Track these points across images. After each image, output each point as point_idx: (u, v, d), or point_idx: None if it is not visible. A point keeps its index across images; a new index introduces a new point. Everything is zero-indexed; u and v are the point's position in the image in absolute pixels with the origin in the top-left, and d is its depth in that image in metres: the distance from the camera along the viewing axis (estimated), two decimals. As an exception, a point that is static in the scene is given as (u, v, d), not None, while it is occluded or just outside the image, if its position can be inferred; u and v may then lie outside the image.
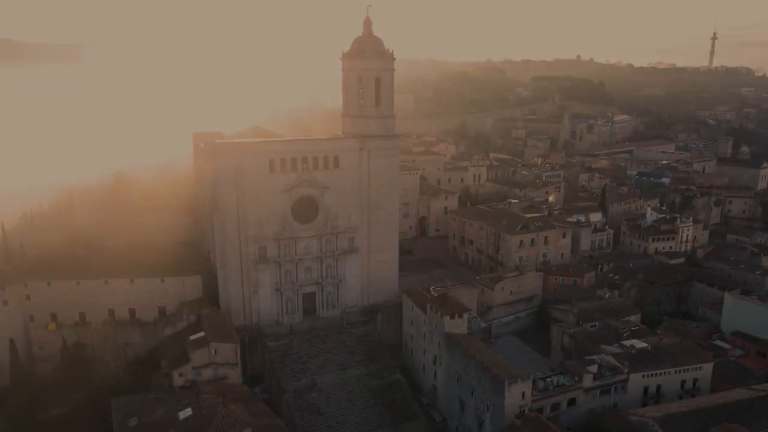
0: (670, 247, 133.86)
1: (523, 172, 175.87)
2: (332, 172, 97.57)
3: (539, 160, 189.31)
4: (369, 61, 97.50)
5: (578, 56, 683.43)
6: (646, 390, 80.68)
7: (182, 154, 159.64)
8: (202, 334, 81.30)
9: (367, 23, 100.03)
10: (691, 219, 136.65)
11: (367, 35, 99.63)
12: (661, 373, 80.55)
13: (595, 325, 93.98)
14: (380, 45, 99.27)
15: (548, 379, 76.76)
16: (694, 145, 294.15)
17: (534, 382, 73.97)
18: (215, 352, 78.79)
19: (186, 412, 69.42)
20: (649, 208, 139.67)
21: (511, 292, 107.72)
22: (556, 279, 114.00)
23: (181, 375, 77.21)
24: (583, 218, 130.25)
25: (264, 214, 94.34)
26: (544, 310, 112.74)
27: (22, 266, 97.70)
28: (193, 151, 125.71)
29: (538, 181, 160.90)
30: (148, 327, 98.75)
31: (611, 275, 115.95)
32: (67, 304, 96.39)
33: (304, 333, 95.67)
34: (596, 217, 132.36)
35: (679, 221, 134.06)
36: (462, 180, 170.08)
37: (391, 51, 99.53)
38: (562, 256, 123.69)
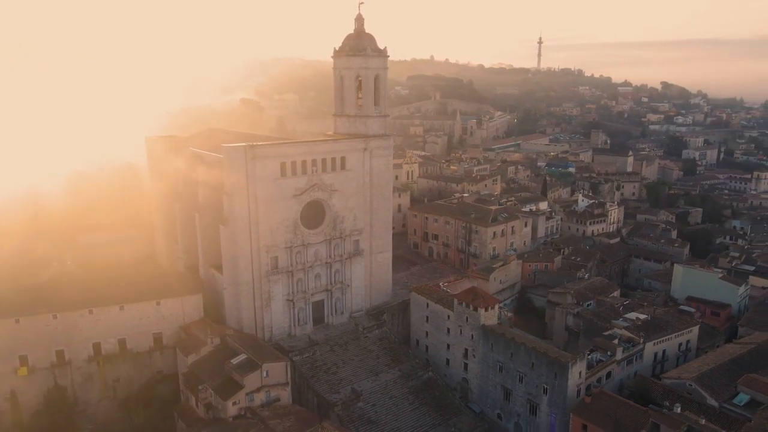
0: (602, 229, 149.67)
1: (452, 167, 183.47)
2: (339, 174, 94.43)
3: (463, 155, 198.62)
4: (369, 59, 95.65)
5: (432, 56, 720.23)
6: (655, 355, 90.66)
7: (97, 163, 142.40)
8: (244, 356, 74.23)
9: (360, 20, 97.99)
10: (615, 202, 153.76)
11: (362, 32, 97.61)
12: (666, 339, 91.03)
13: (590, 304, 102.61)
14: (376, 43, 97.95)
15: (588, 356, 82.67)
16: (561, 138, 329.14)
17: (580, 360, 79.26)
18: (267, 373, 72.59)
19: (264, 442, 63.67)
20: (580, 195, 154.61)
21: (500, 281, 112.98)
22: (530, 265, 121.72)
23: (235, 403, 69.95)
24: (534, 207, 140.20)
25: (276, 222, 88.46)
26: (524, 295, 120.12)
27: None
28: (148, 158, 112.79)
29: (475, 175, 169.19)
30: (141, 358, 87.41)
31: (573, 257, 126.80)
32: (41, 342, 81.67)
33: (322, 343, 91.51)
34: (544, 205, 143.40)
35: (607, 205, 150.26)
36: (396, 177, 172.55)
37: (385, 49, 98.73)
38: (524, 243, 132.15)
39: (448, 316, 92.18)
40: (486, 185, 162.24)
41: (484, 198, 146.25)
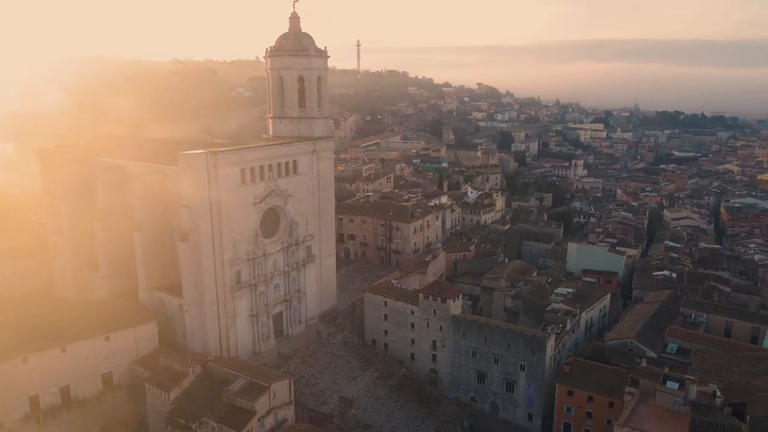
0: (492, 217, 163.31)
1: (339, 167, 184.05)
2: (292, 179, 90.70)
3: (346, 156, 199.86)
4: (312, 59, 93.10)
5: (257, 57, 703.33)
6: (587, 322, 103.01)
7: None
8: (243, 380, 68.17)
9: (295, 19, 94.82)
10: (499, 193, 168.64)
11: (299, 32, 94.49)
12: (593, 308, 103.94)
13: (521, 285, 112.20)
14: (315, 42, 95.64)
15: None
16: (409, 135, 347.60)
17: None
18: (274, 394, 67.76)
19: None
20: (469, 188, 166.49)
21: (433, 273, 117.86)
22: (450, 256, 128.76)
23: (248, 432, 64.21)
24: (437, 202, 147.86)
25: (237, 233, 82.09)
26: (451, 284, 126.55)
27: None
28: (42, 172, 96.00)
29: (367, 174, 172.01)
30: (89, 405, 75.03)
31: (483, 245, 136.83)
32: (-38, 407, 65.92)
33: (293, 356, 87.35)
34: (444, 199, 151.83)
35: (494, 195, 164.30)
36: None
37: (325, 49, 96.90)
38: (437, 236, 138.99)
39: (412, 312, 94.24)
40: (381, 183, 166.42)
41: (388, 195, 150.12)
